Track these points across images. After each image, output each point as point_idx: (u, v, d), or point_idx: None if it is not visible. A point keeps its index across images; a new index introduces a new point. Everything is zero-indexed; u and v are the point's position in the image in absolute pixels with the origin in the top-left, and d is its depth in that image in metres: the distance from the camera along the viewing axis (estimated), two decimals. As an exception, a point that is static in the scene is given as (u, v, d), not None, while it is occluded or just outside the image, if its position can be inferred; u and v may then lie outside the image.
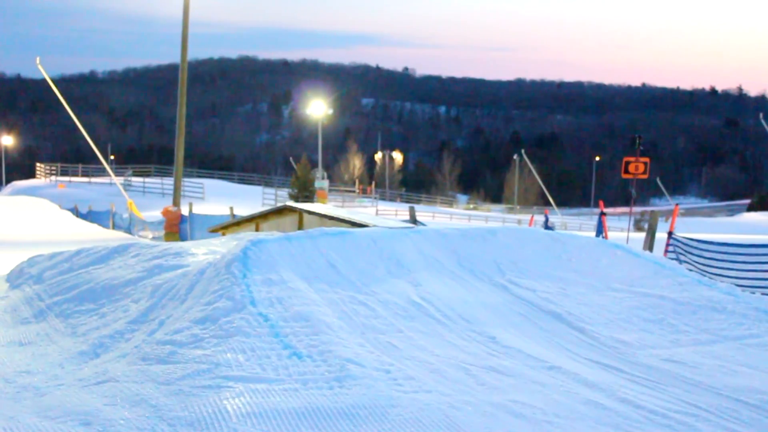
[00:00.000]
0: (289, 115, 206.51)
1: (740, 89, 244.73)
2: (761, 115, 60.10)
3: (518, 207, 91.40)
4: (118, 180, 45.63)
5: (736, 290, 7.25)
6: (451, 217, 60.94)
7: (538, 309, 6.35)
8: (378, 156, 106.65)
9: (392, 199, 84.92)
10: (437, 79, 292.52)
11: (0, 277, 9.31)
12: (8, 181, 74.12)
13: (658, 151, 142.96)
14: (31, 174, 78.51)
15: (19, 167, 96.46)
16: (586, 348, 5.57)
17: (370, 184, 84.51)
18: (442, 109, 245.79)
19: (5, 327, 6.81)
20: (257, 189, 65.22)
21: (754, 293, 7.75)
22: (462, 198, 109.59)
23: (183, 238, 23.21)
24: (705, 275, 9.73)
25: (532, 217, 40.68)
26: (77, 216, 35.69)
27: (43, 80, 36.81)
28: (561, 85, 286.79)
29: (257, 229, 11.16)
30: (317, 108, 57.85)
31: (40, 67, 34.75)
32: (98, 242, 16.19)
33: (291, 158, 77.16)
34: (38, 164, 77.27)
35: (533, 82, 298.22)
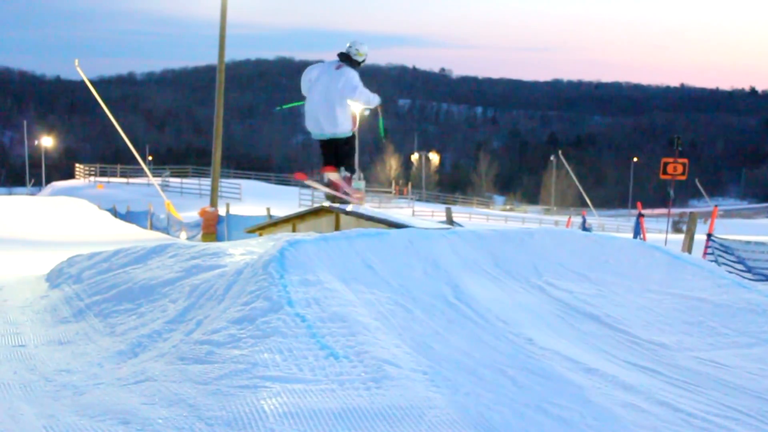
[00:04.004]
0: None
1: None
2: None
3: (555, 208, 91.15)
4: (155, 181, 45.90)
5: (777, 293, 7.18)
6: (487, 218, 60.95)
7: (575, 311, 6.32)
8: (414, 157, 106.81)
9: (428, 200, 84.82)
10: (474, 80, 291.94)
11: (40, 276, 9.39)
12: (48, 182, 74.92)
13: (696, 152, 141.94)
14: (70, 175, 79.32)
15: (58, 168, 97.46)
16: (623, 350, 5.53)
17: (407, 185, 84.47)
18: (479, 109, 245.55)
19: (45, 326, 6.88)
20: (294, 190, 65.37)
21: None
22: (498, 199, 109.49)
23: (220, 239, 23.31)
24: (744, 278, 9.64)
25: (570, 218, 40.52)
26: (116, 216, 36.10)
27: (82, 82, 37.10)
28: (598, 86, 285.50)
29: (294, 230, 11.17)
30: (354, 108, 57.93)
31: (79, 69, 35.04)
32: (136, 242, 16.30)
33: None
34: (77, 165, 78.08)
35: (570, 83, 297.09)
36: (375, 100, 10.86)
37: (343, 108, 10.58)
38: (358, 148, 11.05)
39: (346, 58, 10.67)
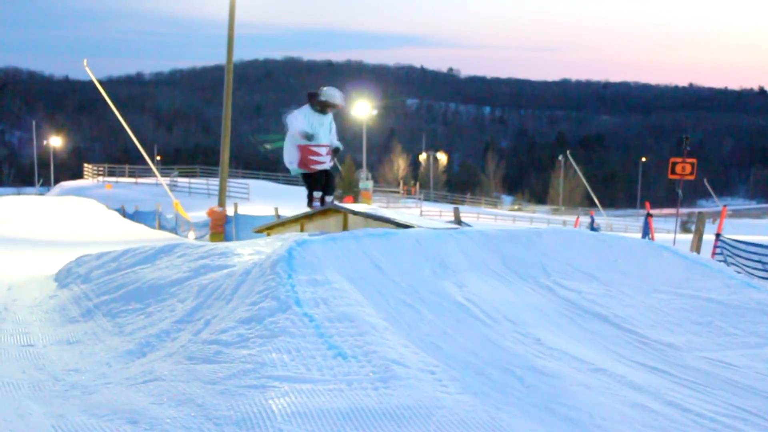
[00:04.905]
0: (333, 115, 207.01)
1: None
2: None
3: (563, 208, 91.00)
4: (164, 180, 45.94)
5: (786, 293, 7.15)
6: (495, 218, 60.85)
7: (583, 311, 6.31)
8: (422, 157, 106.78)
9: (436, 200, 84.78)
10: (482, 80, 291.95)
11: (49, 276, 9.42)
12: (56, 182, 75.12)
13: (705, 151, 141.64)
14: (78, 175, 79.46)
15: (67, 168, 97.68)
16: (632, 350, 5.53)
17: (415, 184, 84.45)
18: (487, 109, 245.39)
19: (54, 326, 6.89)
20: (302, 189, 65.18)
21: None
22: (507, 199, 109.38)
23: (228, 239, 23.34)
24: (753, 278, 9.61)
25: (578, 218, 40.53)
26: (124, 216, 36.16)
27: (91, 82, 37.20)
28: (607, 86, 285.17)
29: (302, 230, 11.15)
30: (362, 109, 57.94)
31: (87, 69, 35.16)
32: (145, 242, 16.36)
33: (335, 159, 77.33)
34: (86, 165, 78.27)
35: (579, 83, 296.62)
36: (291, 126, 11.50)
37: (287, 144, 11.70)
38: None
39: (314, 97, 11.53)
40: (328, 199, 11.61)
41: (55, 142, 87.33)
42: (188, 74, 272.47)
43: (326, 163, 11.60)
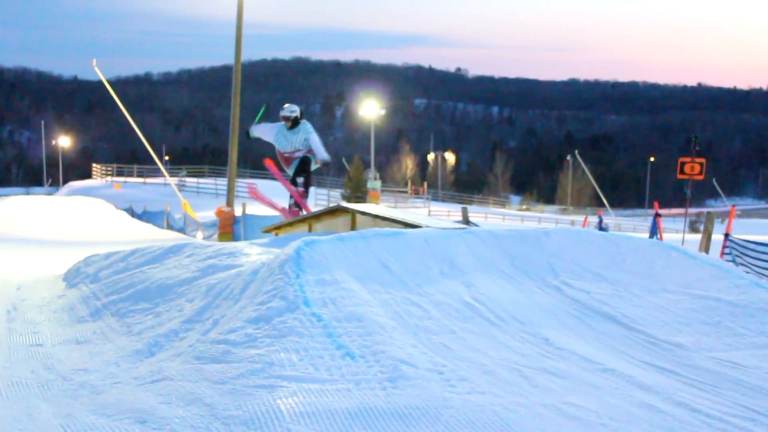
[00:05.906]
0: (341, 115, 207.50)
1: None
2: None
3: (571, 208, 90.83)
4: (172, 180, 45.97)
5: (795, 293, 7.12)
6: (503, 218, 60.75)
7: (591, 311, 6.30)
8: (430, 156, 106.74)
9: (444, 200, 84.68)
10: (490, 80, 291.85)
11: (57, 276, 9.43)
12: (65, 182, 75.23)
13: (714, 151, 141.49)
14: (87, 175, 79.60)
15: (75, 168, 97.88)
16: (640, 350, 5.51)
17: (423, 184, 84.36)
18: (495, 109, 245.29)
19: (62, 325, 6.90)
20: (310, 189, 65.34)
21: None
22: (515, 199, 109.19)
23: (236, 239, 23.34)
24: (762, 278, 9.59)
25: (586, 218, 40.45)
26: (132, 216, 36.14)
27: (100, 82, 37.27)
28: (615, 85, 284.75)
29: (310, 230, 11.16)
30: (370, 109, 57.97)
31: (96, 68, 35.22)
32: (153, 242, 16.36)
33: (343, 159, 77.30)
34: (94, 165, 78.40)
35: (587, 82, 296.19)
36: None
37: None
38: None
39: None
40: (299, 179, 13.05)
41: (64, 142, 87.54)
42: (196, 74, 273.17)
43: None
